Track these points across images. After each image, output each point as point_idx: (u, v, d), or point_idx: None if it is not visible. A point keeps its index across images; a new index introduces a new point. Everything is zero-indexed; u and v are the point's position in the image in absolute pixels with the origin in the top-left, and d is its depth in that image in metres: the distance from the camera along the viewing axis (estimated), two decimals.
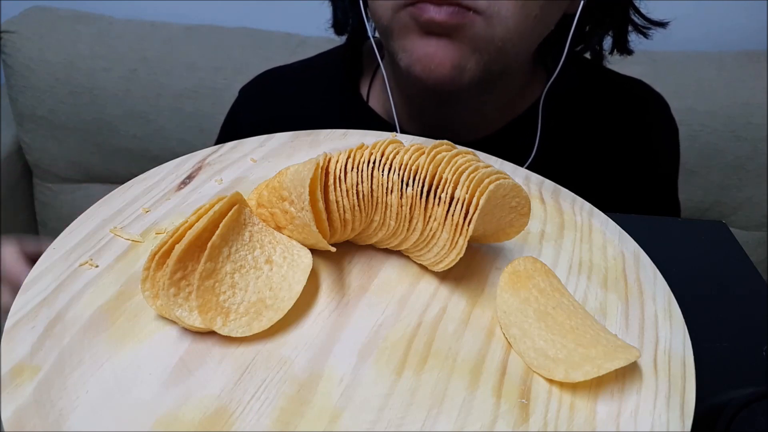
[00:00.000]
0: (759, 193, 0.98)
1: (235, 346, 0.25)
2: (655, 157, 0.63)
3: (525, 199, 0.29)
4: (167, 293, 0.24)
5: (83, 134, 1.08)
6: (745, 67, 0.97)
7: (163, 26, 1.07)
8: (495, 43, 0.45)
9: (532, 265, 0.29)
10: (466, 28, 0.44)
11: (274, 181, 0.29)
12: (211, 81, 1.02)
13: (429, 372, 0.24)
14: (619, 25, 0.57)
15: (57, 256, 0.28)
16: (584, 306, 0.28)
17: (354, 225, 0.28)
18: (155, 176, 0.35)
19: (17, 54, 1.05)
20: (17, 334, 0.24)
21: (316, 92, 0.63)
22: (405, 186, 0.27)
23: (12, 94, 1.08)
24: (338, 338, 0.25)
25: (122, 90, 1.04)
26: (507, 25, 0.44)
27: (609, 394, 0.24)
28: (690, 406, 0.24)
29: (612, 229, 0.34)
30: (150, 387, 0.23)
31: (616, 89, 0.63)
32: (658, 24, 0.58)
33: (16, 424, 0.21)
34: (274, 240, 0.28)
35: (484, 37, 0.44)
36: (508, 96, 0.56)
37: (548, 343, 0.25)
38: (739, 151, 0.96)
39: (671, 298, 0.30)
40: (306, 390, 0.23)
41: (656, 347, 0.27)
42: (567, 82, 0.57)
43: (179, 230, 0.25)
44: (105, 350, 0.24)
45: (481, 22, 0.44)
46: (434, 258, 0.28)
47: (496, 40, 0.45)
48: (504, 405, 0.23)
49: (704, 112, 0.95)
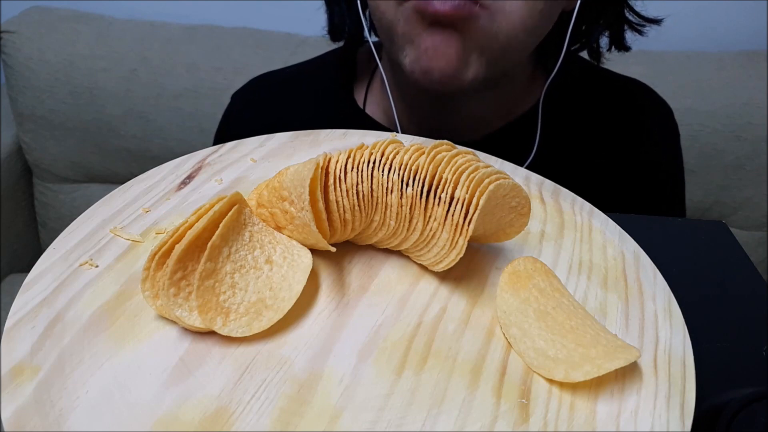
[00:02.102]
0: (759, 193, 0.98)
1: (235, 346, 0.25)
2: (656, 158, 0.62)
3: (525, 199, 0.29)
4: (167, 293, 0.24)
5: (83, 134, 1.08)
6: (745, 67, 0.97)
7: (163, 26, 1.07)
8: (499, 40, 0.45)
9: (532, 265, 0.29)
10: (471, 22, 0.44)
11: (274, 181, 0.29)
12: (211, 81, 1.02)
13: (429, 372, 0.24)
14: (615, 23, 0.57)
15: (57, 256, 0.28)
16: (584, 306, 0.28)
17: (354, 225, 0.28)
18: (155, 176, 0.35)
19: (17, 54, 1.05)
20: (17, 334, 0.24)
21: (310, 98, 0.63)
22: (405, 186, 0.27)
23: (12, 94, 1.08)
24: (338, 338, 0.25)
25: (122, 90, 1.04)
26: (512, 20, 0.44)
27: (609, 394, 0.24)
28: (690, 406, 0.24)
29: (612, 229, 0.34)
30: (150, 387, 0.23)
31: (616, 90, 0.63)
32: (652, 21, 0.58)
33: (16, 424, 0.21)
34: (274, 240, 0.28)
35: (487, 32, 0.44)
36: (508, 97, 0.56)
37: (548, 343, 0.25)
38: (739, 151, 0.96)
39: (671, 298, 0.30)
40: (306, 390, 0.23)
41: (656, 347, 0.27)
42: (567, 83, 0.57)
43: (179, 230, 0.25)
44: (105, 350, 0.24)
45: (486, 16, 0.44)
46: (434, 258, 0.28)
47: (500, 37, 0.45)
48: (504, 405, 0.23)
49: (704, 112, 0.95)
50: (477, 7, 0.43)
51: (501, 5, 0.44)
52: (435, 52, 0.45)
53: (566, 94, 0.58)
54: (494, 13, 0.44)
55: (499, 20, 0.44)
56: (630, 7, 0.57)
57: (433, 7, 0.43)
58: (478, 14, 0.43)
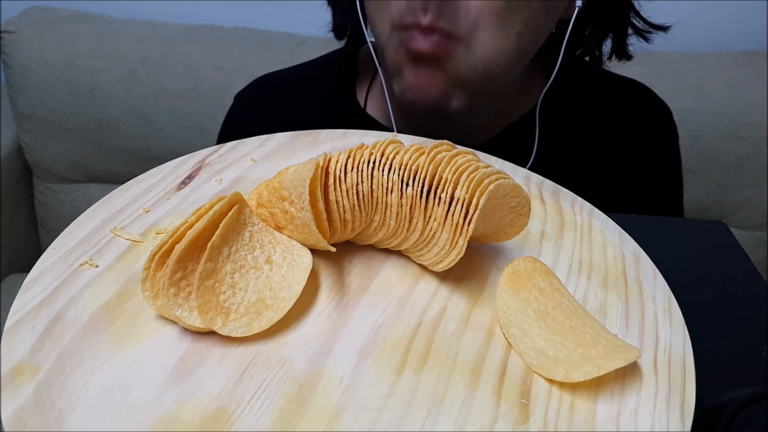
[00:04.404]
0: (759, 193, 0.98)
1: (235, 346, 0.25)
2: (655, 159, 0.62)
3: (525, 199, 0.29)
4: (167, 293, 0.24)
5: (83, 134, 1.08)
6: (745, 67, 0.97)
7: (163, 26, 1.07)
8: (478, 69, 0.46)
9: (532, 265, 0.29)
10: (450, 57, 0.45)
11: (274, 181, 0.29)
12: (211, 81, 1.02)
13: (429, 372, 0.24)
14: (619, 29, 0.57)
15: (57, 256, 0.28)
16: (584, 306, 0.28)
17: (354, 225, 0.28)
18: (155, 176, 0.35)
19: (17, 54, 1.05)
20: (17, 334, 0.24)
21: (313, 99, 0.63)
22: (405, 186, 0.27)
23: (12, 94, 1.08)
24: (338, 338, 0.25)
25: (122, 90, 1.04)
26: (487, 48, 0.45)
27: (609, 394, 0.24)
28: (690, 406, 0.24)
29: (612, 229, 0.34)
30: (150, 387, 0.23)
31: (616, 91, 0.63)
32: (659, 28, 0.58)
33: (16, 424, 0.21)
34: (274, 240, 0.28)
35: (466, 64, 0.46)
36: (505, 102, 0.56)
37: (548, 343, 0.25)
38: (739, 151, 0.96)
39: (671, 298, 0.30)
40: (306, 390, 0.23)
41: (656, 347, 0.27)
42: (566, 85, 0.57)
43: (179, 230, 0.25)
44: (105, 350, 0.24)
45: (462, 49, 0.45)
46: (434, 258, 0.28)
47: (478, 66, 0.46)
48: (504, 405, 0.23)
49: (704, 112, 0.95)
50: (452, 43, 0.44)
51: (474, 36, 0.45)
52: (419, 88, 0.47)
53: (566, 95, 0.58)
54: (469, 43, 0.45)
55: (474, 50, 0.45)
56: (637, 12, 0.56)
57: (415, 44, 0.45)
58: (455, 48, 0.45)
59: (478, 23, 0.44)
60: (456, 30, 0.44)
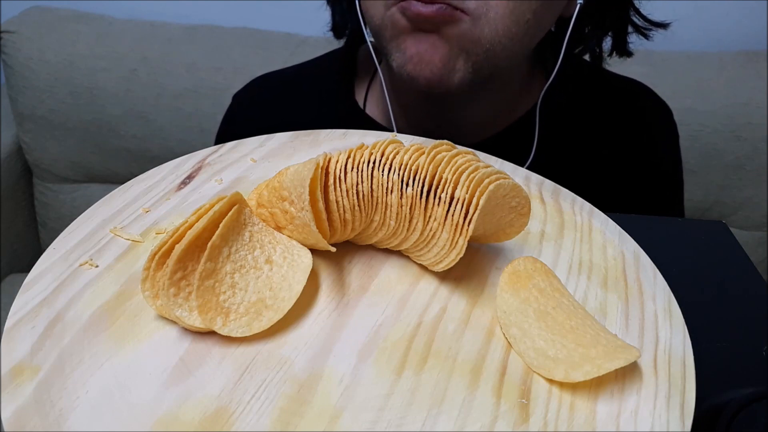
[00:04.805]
0: (759, 193, 0.98)
1: (235, 346, 0.25)
2: (655, 159, 0.62)
3: (525, 199, 0.29)
4: (167, 293, 0.24)
5: (83, 134, 1.08)
6: (745, 67, 0.97)
7: (163, 26, 1.07)
8: (482, 45, 0.45)
9: (532, 265, 0.29)
10: (454, 26, 0.44)
11: (274, 181, 0.29)
12: (211, 81, 1.02)
13: (429, 372, 0.24)
14: (619, 27, 0.57)
15: (57, 256, 0.28)
16: (584, 306, 0.28)
17: (354, 225, 0.28)
18: (155, 176, 0.35)
19: (17, 54, 1.05)
20: (17, 334, 0.24)
21: (312, 99, 0.63)
22: (405, 186, 0.27)
23: (12, 94, 1.08)
24: (338, 338, 0.25)
25: (122, 90, 1.04)
26: (495, 28, 0.45)
27: (609, 394, 0.24)
28: (690, 406, 0.24)
29: (612, 229, 0.34)
30: (150, 387, 0.23)
31: (616, 91, 0.63)
32: (659, 25, 0.58)
33: (16, 424, 0.21)
34: (274, 240, 0.28)
35: (471, 37, 0.45)
36: (505, 99, 0.56)
37: (548, 343, 0.25)
38: (739, 151, 0.96)
39: (671, 298, 0.30)
40: (306, 390, 0.23)
41: (656, 347, 0.27)
42: (566, 85, 0.57)
43: (179, 230, 0.25)
44: (105, 350, 0.24)
45: (468, 21, 0.44)
46: (434, 258, 0.28)
47: (483, 42, 0.45)
48: (504, 405, 0.23)
49: (704, 112, 0.95)
50: (458, 12, 0.43)
51: (485, 12, 0.44)
52: (420, 59, 0.46)
53: (566, 94, 0.58)
54: (477, 19, 0.44)
55: (481, 25, 0.44)
56: (637, 10, 0.56)
57: (416, 8, 0.43)
58: (461, 18, 0.44)
59: (490, 3, 0.44)
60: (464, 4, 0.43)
